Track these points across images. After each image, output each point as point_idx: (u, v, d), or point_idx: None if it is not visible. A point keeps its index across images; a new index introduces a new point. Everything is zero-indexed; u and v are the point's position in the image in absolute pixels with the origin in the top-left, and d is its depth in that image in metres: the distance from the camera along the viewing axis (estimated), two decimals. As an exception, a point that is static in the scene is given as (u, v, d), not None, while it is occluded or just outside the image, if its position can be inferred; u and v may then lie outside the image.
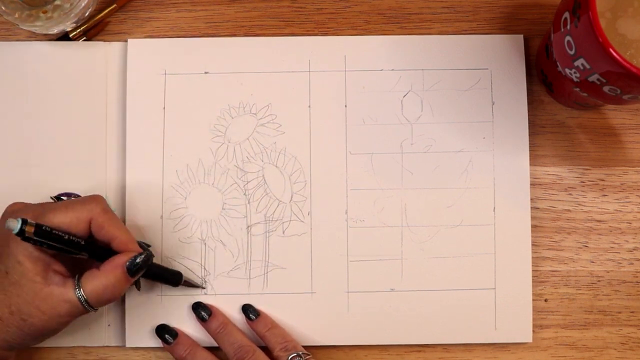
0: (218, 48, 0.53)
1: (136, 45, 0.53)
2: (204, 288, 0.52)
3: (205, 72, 0.53)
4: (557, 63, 0.47)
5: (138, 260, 0.45)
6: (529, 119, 0.53)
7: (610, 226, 0.53)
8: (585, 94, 0.47)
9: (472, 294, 0.52)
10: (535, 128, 0.54)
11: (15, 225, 0.41)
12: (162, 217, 0.52)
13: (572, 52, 0.44)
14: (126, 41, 0.53)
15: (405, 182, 0.52)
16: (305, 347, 0.51)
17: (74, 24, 0.52)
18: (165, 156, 0.52)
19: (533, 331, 0.52)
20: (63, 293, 0.44)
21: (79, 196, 0.51)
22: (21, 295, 0.43)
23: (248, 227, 0.52)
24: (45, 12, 0.50)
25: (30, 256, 0.43)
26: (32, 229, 0.41)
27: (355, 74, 0.53)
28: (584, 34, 0.41)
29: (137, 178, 0.52)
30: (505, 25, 0.54)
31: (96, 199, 0.46)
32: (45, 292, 0.43)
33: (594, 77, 0.43)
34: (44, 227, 0.42)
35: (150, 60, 0.53)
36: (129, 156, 0.52)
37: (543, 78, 0.53)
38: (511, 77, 0.53)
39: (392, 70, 0.53)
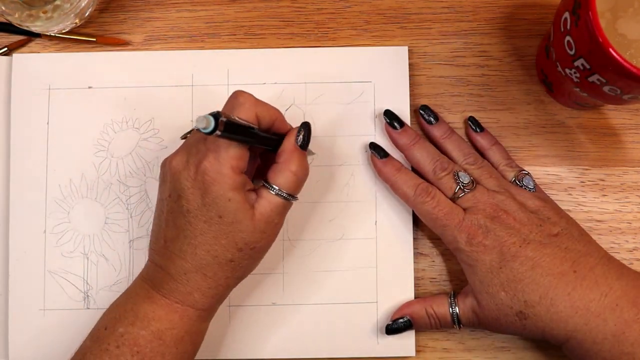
0: (102, 63, 0.53)
1: (21, 60, 0.53)
2: (314, 154, 0.52)
3: (89, 87, 0.53)
4: (557, 63, 0.47)
5: (303, 134, 0.46)
6: (529, 118, 0.54)
7: (610, 226, 0.53)
8: (585, 94, 0.47)
9: (354, 307, 0.51)
10: (535, 128, 0.54)
11: (210, 122, 0.37)
12: (45, 231, 0.52)
13: (572, 52, 0.44)
14: (11, 56, 0.53)
15: None
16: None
17: (74, 24, 0.53)
18: (49, 171, 0.52)
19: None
20: (268, 204, 0.44)
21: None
22: (242, 229, 0.43)
23: (130, 241, 0.52)
24: (45, 12, 0.50)
25: (236, 187, 0.42)
26: (222, 126, 0.38)
27: (238, 87, 0.53)
28: (584, 34, 0.41)
29: (20, 192, 0.52)
30: (505, 25, 0.54)
31: (242, 99, 0.44)
32: (258, 214, 0.43)
33: (594, 77, 0.43)
34: (235, 120, 0.39)
35: (35, 75, 0.53)
36: (12, 171, 0.52)
37: (543, 78, 0.53)
38: (395, 90, 0.53)
39: (275, 83, 0.53)
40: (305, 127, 0.46)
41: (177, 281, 0.43)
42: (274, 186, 0.44)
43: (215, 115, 0.37)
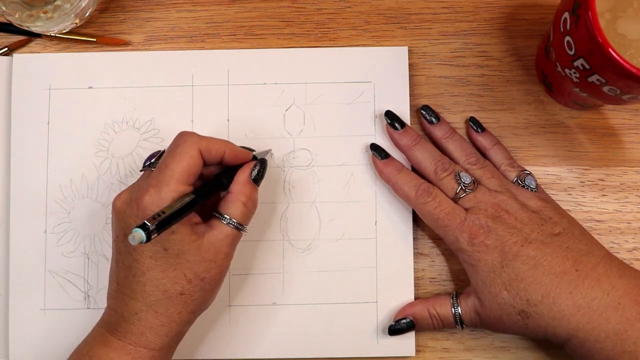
0: (102, 63, 0.53)
1: (21, 60, 0.53)
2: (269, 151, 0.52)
3: (90, 87, 0.53)
4: (557, 63, 0.47)
5: (258, 169, 0.47)
6: (529, 118, 0.54)
7: (610, 226, 0.53)
8: (585, 94, 0.47)
9: (354, 307, 0.51)
10: (535, 128, 0.54)
11: (141, 237, 0.38)
12: (45, 231, 0.52)
13: (572, 52, 0.44)
14: (12, 56, 0.53)
15: (287, 195, 0.52)
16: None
17: (74, 24, 0.53)
18: (50, 171, 0.52)
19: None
20: (218, 233, 0.44)
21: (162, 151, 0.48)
22: (189, 260, 0.43)
23: None
24: (45, 12, 0.50)
25: (180, 221, 0.42)
26: (155, 230, 0.39)
27: (238, 87, 0.53)
28: (584, 34, 0.41)
29: (21, 192, 0.52)
30: (505, 25, 0.54)
31: (185, 137, 0.45)
32: (205, 244, 0.44)
33: (593, 77, 0.43)
34: (163, 220, 0.40)
35: (35, 75, 0.53)
36: (13, 171, 0.52)
37: (543, 78, 0.53)
38: (395, 90, 0.53)
39: (275, 83, 0.53)
40: (262, 163, 0.47)
41: (129, 322, 0.43)
42: (225, 215, 0.45)
43: (143, 226, 0.38)
